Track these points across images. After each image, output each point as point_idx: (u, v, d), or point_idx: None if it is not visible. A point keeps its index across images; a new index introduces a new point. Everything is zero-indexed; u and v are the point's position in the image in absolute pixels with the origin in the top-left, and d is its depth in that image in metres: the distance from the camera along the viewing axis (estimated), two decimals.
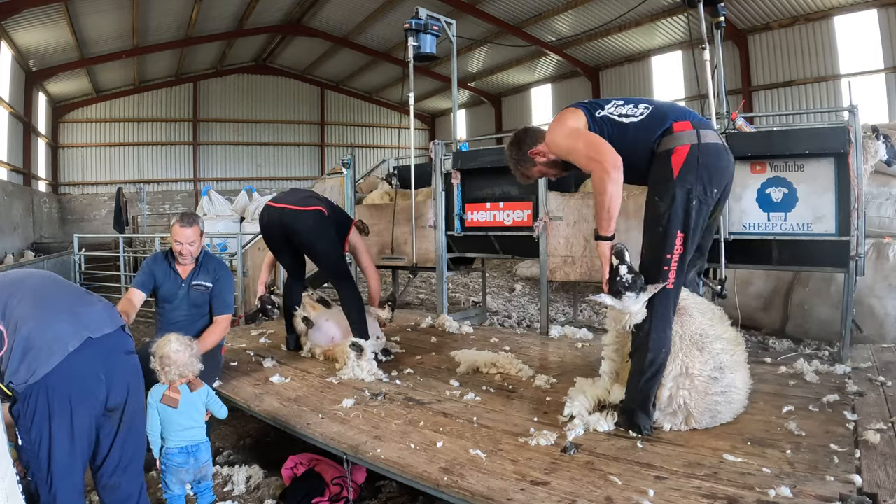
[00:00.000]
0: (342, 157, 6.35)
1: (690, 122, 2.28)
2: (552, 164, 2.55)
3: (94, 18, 12.59)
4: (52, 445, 1.83)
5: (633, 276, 2.21)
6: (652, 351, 2.24)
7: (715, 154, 2.26)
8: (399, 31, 8.01)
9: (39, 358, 1.81)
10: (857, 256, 3.34)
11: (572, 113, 2.42)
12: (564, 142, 2.39)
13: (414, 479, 2.14)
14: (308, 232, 3.66)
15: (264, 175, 20.09)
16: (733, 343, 2.36)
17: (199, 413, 2.58)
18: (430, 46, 5.11)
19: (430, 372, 3.47)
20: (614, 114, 2.38)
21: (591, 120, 2.38)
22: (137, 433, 2.10)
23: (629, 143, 2.30)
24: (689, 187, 2.21)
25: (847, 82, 10.15)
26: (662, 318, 2.24)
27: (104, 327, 1.99)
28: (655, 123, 2.31)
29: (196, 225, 3.27)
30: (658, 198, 2.26)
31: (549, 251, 4.51)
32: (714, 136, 2.29)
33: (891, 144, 3.61)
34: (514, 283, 9.29)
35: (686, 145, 2.22)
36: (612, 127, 2.35)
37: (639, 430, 2.27)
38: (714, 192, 2.26)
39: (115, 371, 1.98)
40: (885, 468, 1.89)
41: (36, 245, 12.39)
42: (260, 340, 4.44)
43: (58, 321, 1.90)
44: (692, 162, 2.21)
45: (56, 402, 1.82)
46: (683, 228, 2.23)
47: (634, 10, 11.46)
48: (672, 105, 2.42)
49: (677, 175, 2.21)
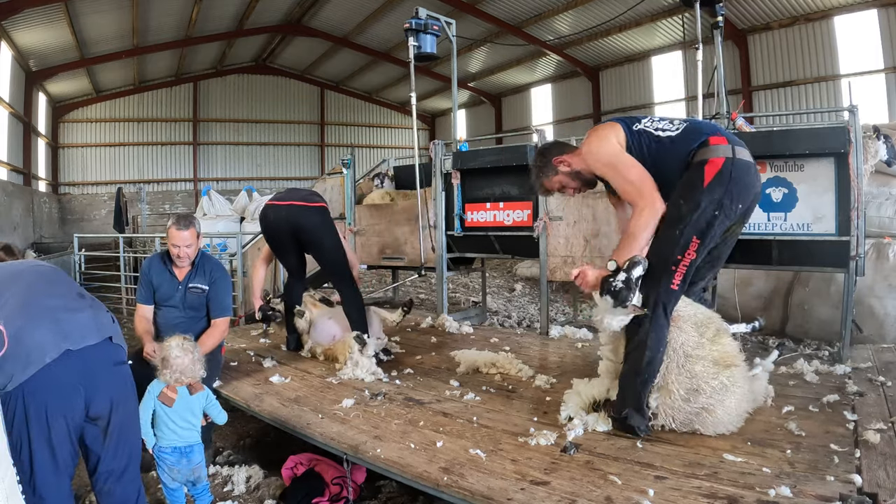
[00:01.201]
0: (342, 157, 6.36)
1: (726, 137, 2.33)
2: (574, 176, 2.55)
3: (94, 18, 12.59)
4: (31, 451, 1.82)
5: (622, 288, 2.18)
6: (650, 349, 2.23)
7: (746, 171, 2.30)
8: (399, 31, 8.02)
9: (16, 366, 1.78)
10: (857, 256, 3.34)
11: (612, 126, 2.44)
12: (607, 155, 2.38)
13: (414, 478, 2.14)
14: (315, 228, 3.68)
15: (264, 175, 20.08)
16: (719, 365, 2.24)
17: (195, 416, 2.57)
18: (430, 46, 5.11)
19: (430, 372, 3.47)
20: (651, 128, 2.41)
21: (629, 133, 2.40)
22: (129, 441, 2.06)
23: (665, 155, 2.35)
24: (717, 198, 2.23)
25: (847, 82, 10.15)
26: (662, 316, 2.24)
27: (88, 338, 1.93)
28: (691, 137, 2.35)
29: (192, 227, 3.22)
30: (683, 201, 2.27)
31: (549, 251, 4.51)
32: (747, 154, 2.33)
33: (891, 144, 3.61)
34: (514, 283, 9.29)
35: (721, 158, 2.26)
36: (650, 140, 2.38)
37: (634, 431, 2.26)
38: (739, 207, 2.29)
39: (95, 383, 1.93)
40: (885, 468, 1.90)
41: (36, 245, 12.38)
42: (260, 340, 4.44)
43: (40, 328, 1.85)
44: (725, 174, 2.24)
45: (32, 410, 1.81)
46: (700, 235, 2.25)
47: (634, 10, 11.47)
48: (707, 122, 2.52)
49: (707, 184, 2.24)
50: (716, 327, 2.34)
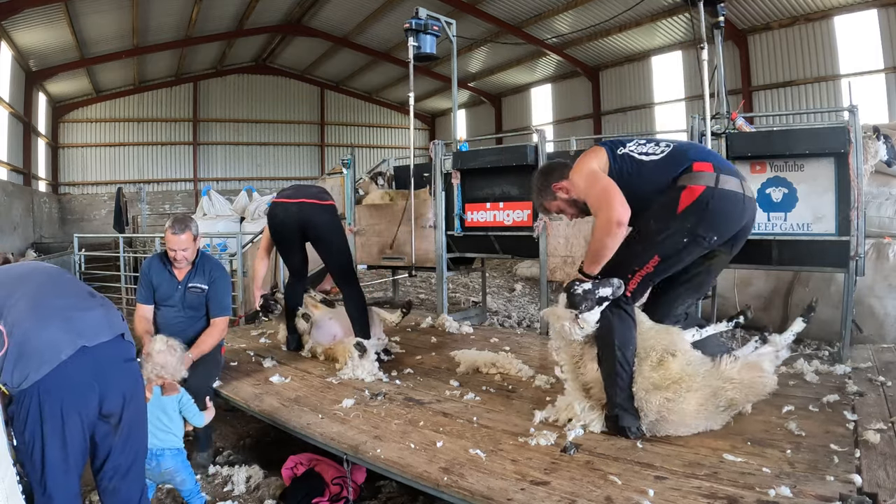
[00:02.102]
0: (342, 157, 6.36)
1: (712, 164, 2.26)
2: (571, 203, 2.54)
3: (94, 18, 12.58)
4: (45, 449, 1.82)
5: (579, 295, 2.22)
6: (619, 348, 2.25)
7: (729, 201, 2.22)
8: (399, 31, 8.02)
9: (31, 364, 1.79)
10: (857, 256, 3.34)
11: (596, 152, 2.44)
12: (583, 181, 2.40)
13: (414, 478, 2.14)
14: (326, 226, 3.68)
15: (264, 175, 20.07)
16: (659, 388, 2.22)
17: (169, 418, 2.57)
18: (430, 46, 5.11)
19: (430, 372, 3.47)
20: (635, 152, 2.38)
21: (612, 157, 2.39)
22: (137, 439, 2.07)
23: (644, 181, 2.32)
24: (689, 227, 2.21)
25: (847, 82, 10.14)
26: (621, 317, 2.27)
27: (101, 335, 1.94)
28: (675, 162, 2.30)
29: (189, 230, 3.19)
30: (654, 220, 2.27)
31: (549, 251, 4.51)
32: (735, 184, 2.25)
33: (891, 144, 3.61)
34: (514, 283, 9.29)
35: (701, 186, 2.20)
36: (631, 164, 2.36)
37: (625, 433, 2.26)
38: (714, 238, 2.25)
39: (109, 380, 1.94)
40: (885, 468, 1.90)
41: (36, 245, 12.38)
42: (260, 340, 4.44)
43: (52, 326, 1.86)
44: (701, 203, 2.19)
45: (47, 408, 1.81)
46: (663, 257, 2.25)
47: (634, 10, 11.47)
48: (695, 146, 2.44)
49: (681, 211, 2.21)
50: (662, 349, 2.29)
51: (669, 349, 2.29)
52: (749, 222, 2.33)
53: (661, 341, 2.31)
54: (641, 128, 14.40)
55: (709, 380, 2.25)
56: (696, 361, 2.29)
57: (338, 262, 3.78)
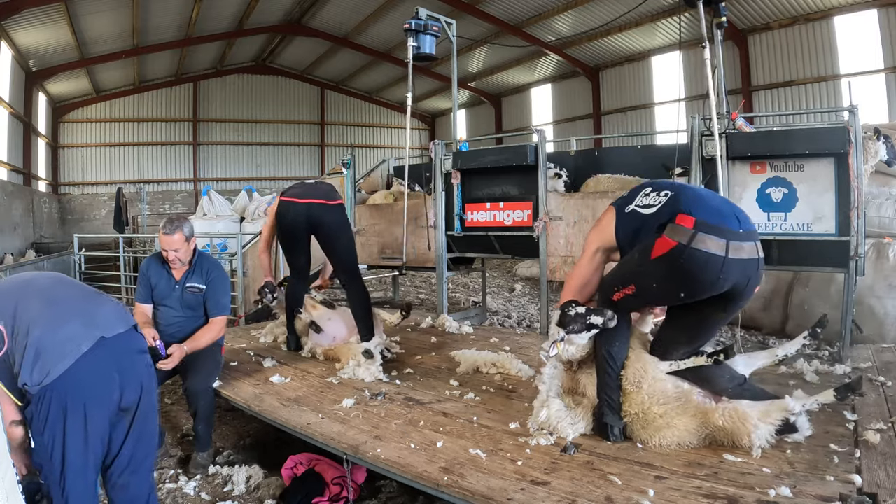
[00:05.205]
0: (342, 157, 6.36)
1: (695, 219, 2.07)
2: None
3: (94, 18, 12.58)
4: (65, 447, 1.81)
5: (570, 319, 2.28)
6: (604, 345, 2.32)
7: (700, 265, 2.04)
8: (399, 31, 8.00)
9: (52, 360, 1.80)
10: (857, 256, 3.34)
11: (607, 213, 2.47)
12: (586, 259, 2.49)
13: (414, 478, 2.14)
14: (335, 225, 3.68)
15: (264, 175, 20.06)
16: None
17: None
18: (430, 47, 5.10)
19: (430, 372, 3.47)
20: (640, 205, 2.35)
21: (619, 217, 2.39)
22: (149, 434, 2.08)
23: (644, 232, 2.27)
24: (660, 275, 2.15)
25: (847, 82, 10.12)
26: (612, 333, 2.31)
27: (117, 327, 1.97)
28: (666, 212, 2.22)
29: (180, 231, 3.17)
30: (638, 255, 2.24)
31: (549, 251, 4.51)
32: (716, 245, 2.02)
33: (891, 144, 3.61)
34: (514, 283, 9.29)
35: (673, 242, 2.07)
36: (635, 220, 2.33)
37: (607, 432, 2.27)
38: (681, 295, 2.16)
39: (128, 370, 1.96)
40: (885, 468, 1.90)
41: (36, 245, 12.38)
42: (260, 340, 4.44)
43: (69, 322, 1.88)
44: (670, 259, 2.09)
45: (70, 403, 1.81)
46: (638, 288, 2.23)
47: (634, 10, 11.45)
48: (694, 193, 2.29)
49: (653, 258, 2.14)
50: (630, 377, 2.33)
51: (633, 379, 2.28)
52: (737, 286, 2.10)
53: (629, 369, 2.31)
54: (641, 128, 14.40)
55: (681, 418, 2.17)
56: (666, 395, 2.21)
57: (343, 260, 3.76)
